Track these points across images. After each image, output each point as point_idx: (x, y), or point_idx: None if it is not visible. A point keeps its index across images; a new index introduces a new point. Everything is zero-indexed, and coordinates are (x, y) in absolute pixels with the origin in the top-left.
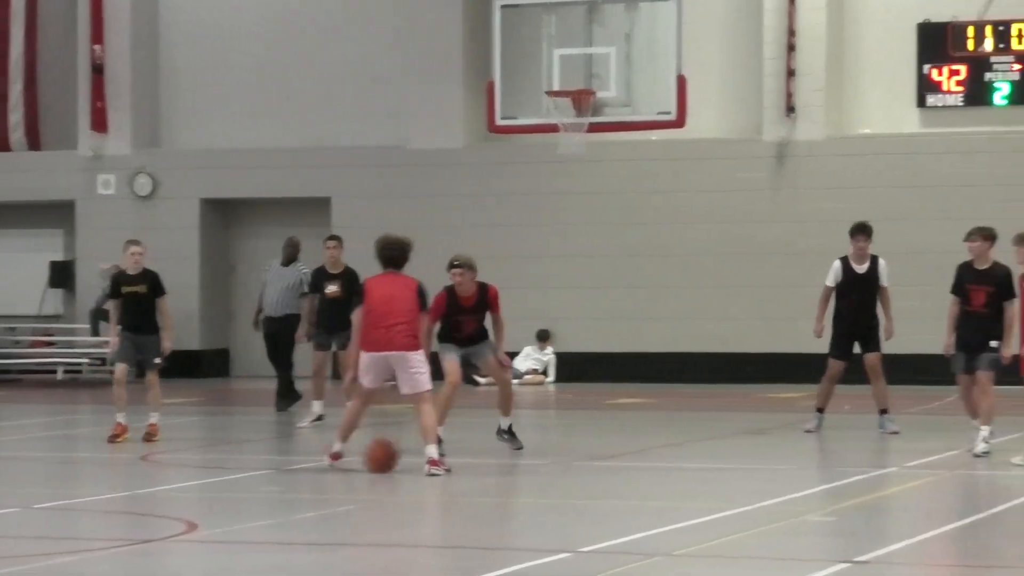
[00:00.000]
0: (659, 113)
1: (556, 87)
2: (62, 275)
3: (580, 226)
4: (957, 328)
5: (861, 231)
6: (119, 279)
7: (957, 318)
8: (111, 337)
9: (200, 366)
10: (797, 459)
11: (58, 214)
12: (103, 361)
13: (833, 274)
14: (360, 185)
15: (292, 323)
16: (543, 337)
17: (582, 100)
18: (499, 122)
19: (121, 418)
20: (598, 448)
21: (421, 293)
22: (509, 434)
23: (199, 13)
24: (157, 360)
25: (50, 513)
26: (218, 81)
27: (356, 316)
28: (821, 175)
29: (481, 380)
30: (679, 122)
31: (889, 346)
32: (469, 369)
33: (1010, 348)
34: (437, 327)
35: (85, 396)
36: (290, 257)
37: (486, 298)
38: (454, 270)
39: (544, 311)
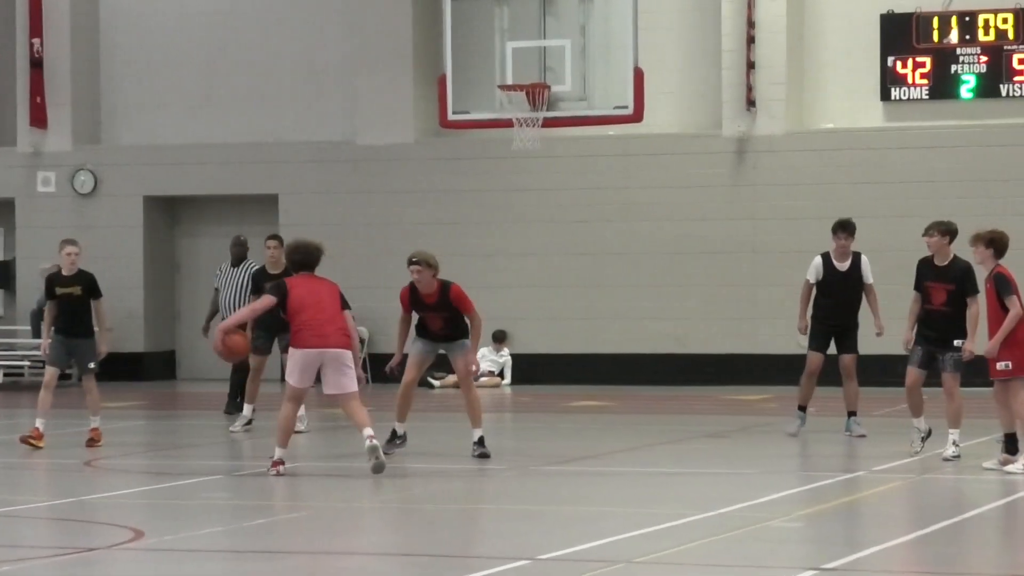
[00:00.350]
0: (615, 107)
1: (509, 81)
2: (1, 275)
3: (535, 224)
4: (917, 325)
5: (843, 228)
6: (53, 280)
7: (917, 315)
8: (43, 339)
9: (144, 369)
10: (761, 463)
11: None
12: (44, 364)
13: (814, 270)
14: (308, 182)
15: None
16: (499, 338)
17: (536, 94)
18: (451, 117)
19: (40, 423)
20: (556, 452)
21: (341, 294)
22: (479, 444)
23: (141, 4)
24: (92, 364)
25: None
26: (161, 75)
27: (260, 304)
28: (782, 171)
29: (435, 382)
30: (636, 116)
31: (864, 346)
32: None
33: (974, 345)
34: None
35: (26, 400)
36: (239, 257)
37: (448, 296)
38: (412, 266)
39: (498, 311)
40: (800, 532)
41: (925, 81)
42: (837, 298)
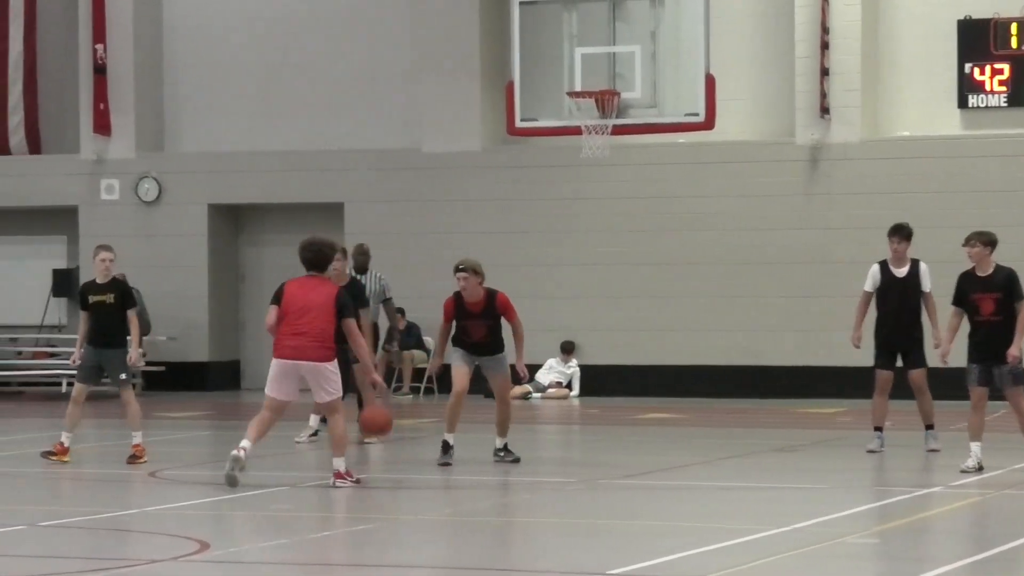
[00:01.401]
0: (686, 115)
1: (578, 88)
2: (65, 284)
3: (603, 233)
4: (969, 342)
5: (897, 232)
6: (87, 288)
7: (956, 331)
8: (75, 351)
9: (209, 378)
10: (834, 478)
11: (60, 220)
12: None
13: (871, 279)
14: (374, 190)
15: (379, 332)
16: (567, 349)
17: (605, 101)
18: (519, 124)
19: (66, 438)
20: (625, 465)
21: (340, 301)
22: (505, 451)
23: (204, 10)
24: (124, 376)
25: (57, 531)
26: (225, 81)
27: (269, 317)
28: (856, 179)
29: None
30: (708, 124)
31: (932, 359)
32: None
33: (1019, 350)
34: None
35: (89, 409)
36: (363, 265)
37: (494, 305)
38: (459, 274)
39: (565, 322)
40: (875, 548)
41: (1003, 88)
42: (893, 306)
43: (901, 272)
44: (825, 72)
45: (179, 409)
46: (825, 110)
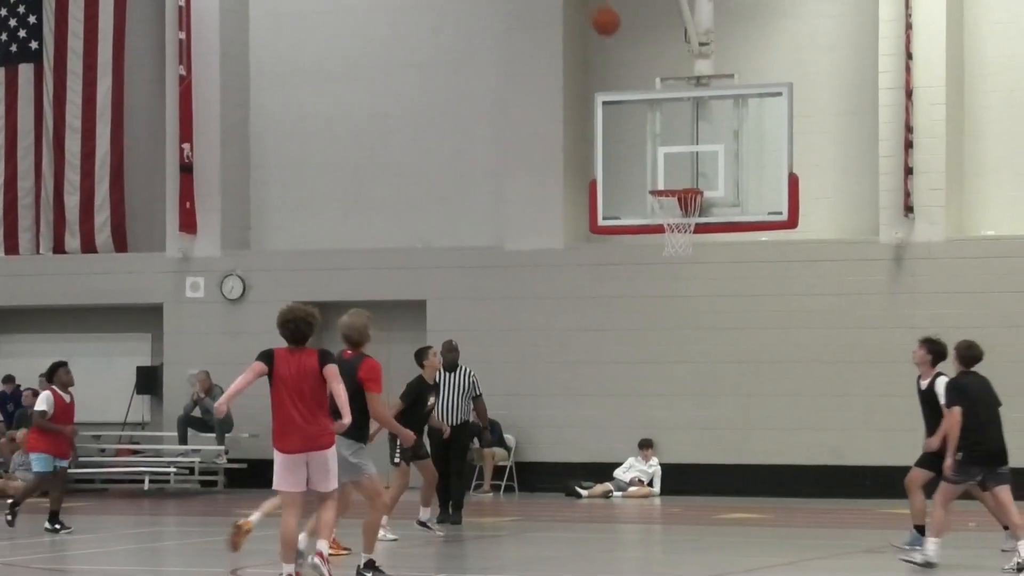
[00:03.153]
0: (770, 213)
1: (661, 186)
2: (149, 381)
3: (685, 331)
4: None
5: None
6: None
7: None
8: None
9: None
10: None
11: (145, 318)
12: (191, 471)
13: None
14: (456, 287)
15: (468, 430)
16: (646, 445)
17: (688, 200)
18: (601, 222)
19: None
20: (708, 566)
21: (323, 359)
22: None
23: (289, 110)
24: None
25: None
26: (310, 180)
27: (252, 372)
28: (941, 278)
29: (583, 492)
30: (791, 222)
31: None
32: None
33: None
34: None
35: (172, 507)
36: (453, 362)
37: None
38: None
39: (647, 420)
40: None
41: None
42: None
43: (923, 384)
44: (909, 171)
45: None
46: (909, 208)
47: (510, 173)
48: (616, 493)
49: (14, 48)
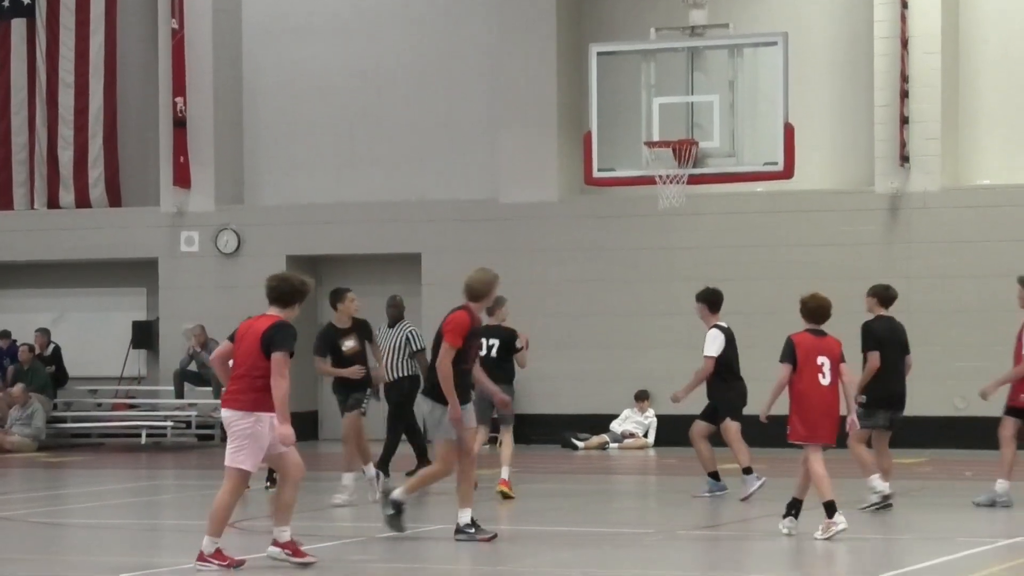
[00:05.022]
0: (765, 164)
1: (656, 137)
2: (144, 335)
3: (680, 282)
4: None
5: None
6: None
7: None
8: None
9: None
10: (917, 528)
11: (140, 272)
12: (187, 424)
13: None
14: (451, 240)
15: (406, 385)
16: (641, 397)
17: (683, 151)
18: (596, 174)
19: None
20: (703, 517)
21: (268, 334)
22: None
23: (284, 64)
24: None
25: None
26: (303, 134)
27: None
28: (937, 228)
29: (579, 444)
30: (786, 173)
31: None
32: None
33: None
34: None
35: (169, 461)
36: (394, 317)
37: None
38: None
39: (642, 371)
40: None
41: None
42: None
43: None
44: (904, 121)
45: None
46: (905, 159)
47: (504, 126)
48: (612, 445)
49: (7, 3)
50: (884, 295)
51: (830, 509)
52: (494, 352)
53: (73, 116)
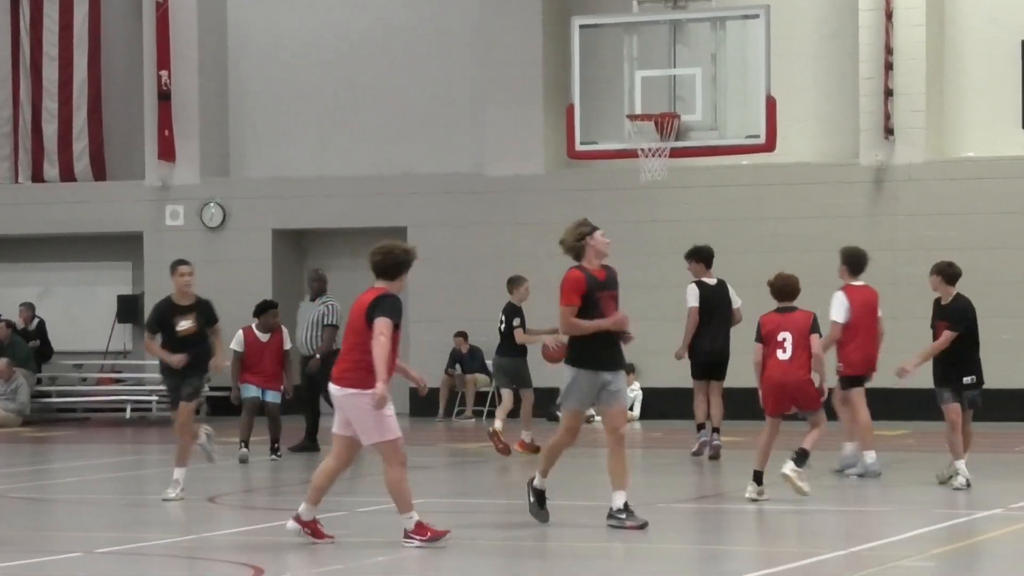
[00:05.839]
0: (747, 137)
1: (638, 110)
2: (130, 309)
3: (666, 255)
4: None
5: None
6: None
7: None
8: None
9: None
10: (897, 500)
11: (125, 246)
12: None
13: None
14: (437, 213)
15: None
16: (627, 371)
17: (665, 124)
18: (579, 147)
19: None
20: (687, 490)
21: (372, 306)
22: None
23: (269, 37)
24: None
25: (113, 558)
26: (289, 107)
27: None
28: (921, 200)
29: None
30: (768, 146)
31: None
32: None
33: None
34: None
35: (154, 435)
36: (316, 291)
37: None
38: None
39: (627, 345)
40: (931, 571)
41: None
42: None
43: None
44: (889, 93)
45: (237, 434)
46: (889, 131)
47: (490, 99)
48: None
49: None
50: (948, 272)
51: (757, 477)
52: (502, 327)
53: (57, 89)
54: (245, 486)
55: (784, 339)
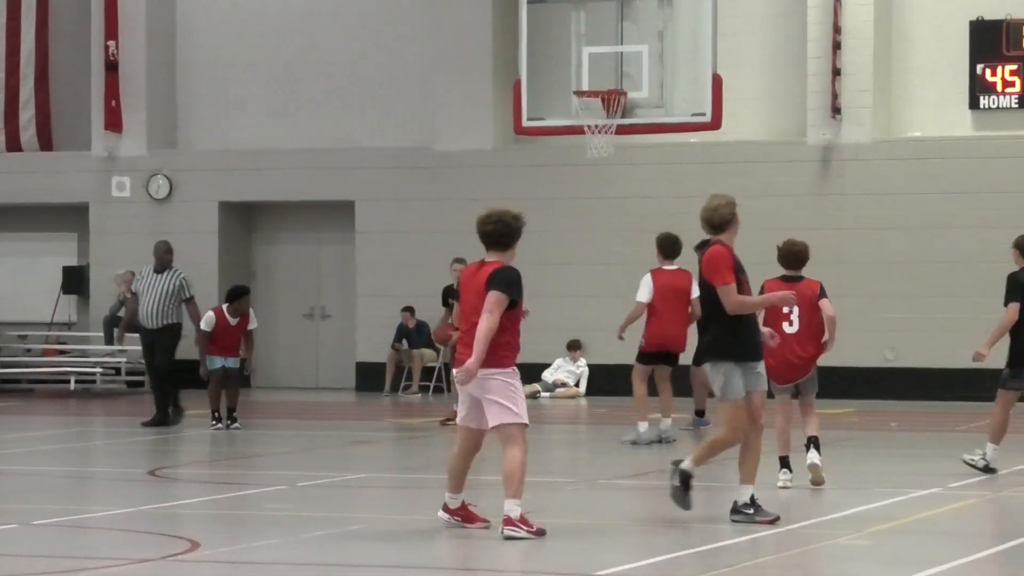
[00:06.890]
0: (693, 114)
1: (585, 87)
2: (75, 281)
3: (614, 232)
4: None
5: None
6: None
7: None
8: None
9: None
10: (838, 479)
11: (71, 217)
12: (117, 371)
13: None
14: (385, 188)
15: (173, 332)
16: (574, 347)
17: (612, 100)
18: (526, 123)
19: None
20: (632, 466)
21: (490, 279)
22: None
23: (217, 8)
24: None
25: (50, 530)
26: (237, 79)
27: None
28: (868, 180)
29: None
30: (714, 124)
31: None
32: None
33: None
34: None
35: (98, 407)
36: (163, 263)
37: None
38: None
39: (575, 321)
40: (868, 550)
41: (1015, 89)
42: None
43: None
44: (837, 72)
45: (186, 407)
46: (837, 110)
47: (439, 73)
48: (544, 394)
49: None
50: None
51: (785, 463)
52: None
53: (4, 58)
54: (186, 458)
55: (791, 312)
